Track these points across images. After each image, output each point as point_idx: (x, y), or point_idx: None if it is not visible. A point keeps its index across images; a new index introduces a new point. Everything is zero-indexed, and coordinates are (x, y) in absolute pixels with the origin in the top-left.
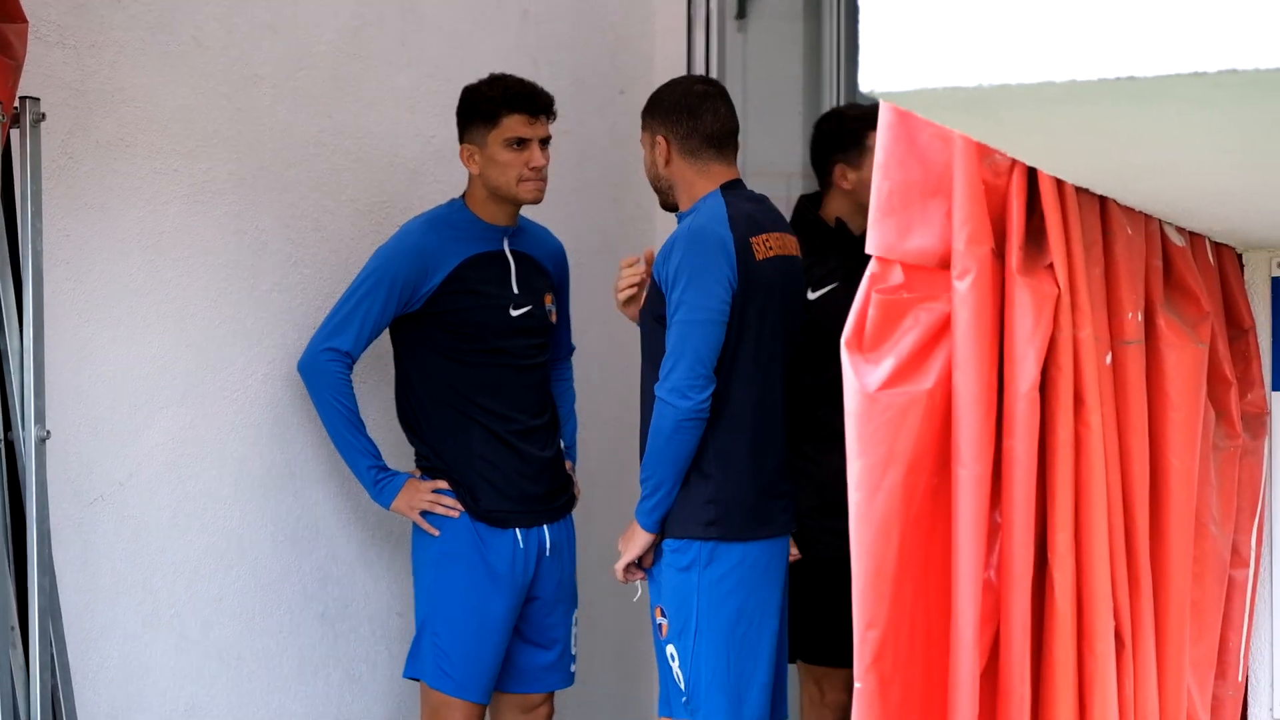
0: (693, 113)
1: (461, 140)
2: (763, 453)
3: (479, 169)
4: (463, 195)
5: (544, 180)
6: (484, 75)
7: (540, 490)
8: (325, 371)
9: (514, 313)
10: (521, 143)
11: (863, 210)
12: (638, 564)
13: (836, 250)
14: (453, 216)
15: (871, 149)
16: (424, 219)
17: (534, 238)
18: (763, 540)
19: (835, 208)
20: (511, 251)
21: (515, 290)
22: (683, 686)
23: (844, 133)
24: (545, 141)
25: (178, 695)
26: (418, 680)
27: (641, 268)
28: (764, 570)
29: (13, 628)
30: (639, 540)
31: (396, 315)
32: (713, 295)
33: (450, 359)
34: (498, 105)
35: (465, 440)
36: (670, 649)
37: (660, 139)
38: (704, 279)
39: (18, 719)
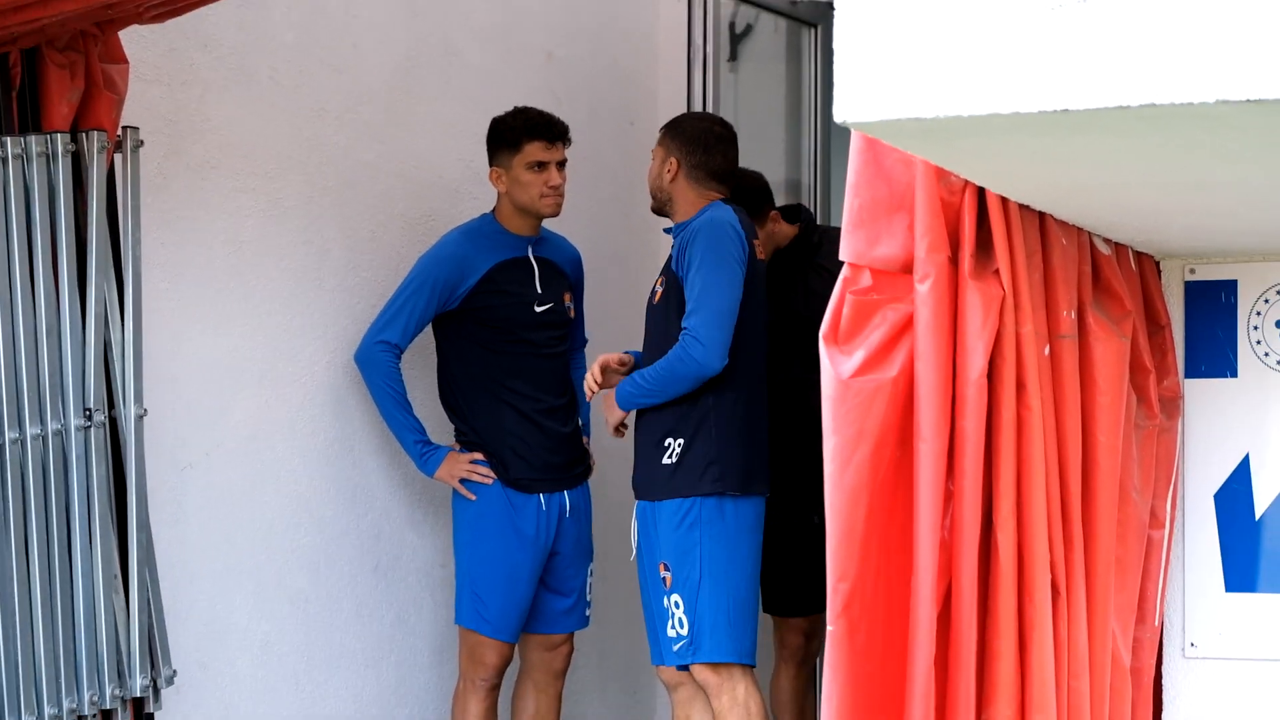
0: (708, 150)
1: (490, 164)
2: (756, 421)
3: (505, 188)
4: (493, 210)
5: (561, 196)
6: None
7: (561, 461)
8: (377, 361)
9: (537, 309)
10: (541, 165)
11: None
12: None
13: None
14: (484, 228)
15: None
16: (460, 231)
17: (554, 245)
18: (752, 498)
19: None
20: (535, 257)
21: (538, 290)
22: (684, 631)
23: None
24: (561, 164)
25: (254, 634)
26: (465, 628)
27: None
28: (752, 525)
29: (115, 576)
30: (617, 414)
31: (438, 312)
32: (736, 274)
33: (484, 349)
34: (520, 134)
35: (497, 418)
36: (675, 598)
37: (673, 160)
38: (729, 261)
39: (119, 652)
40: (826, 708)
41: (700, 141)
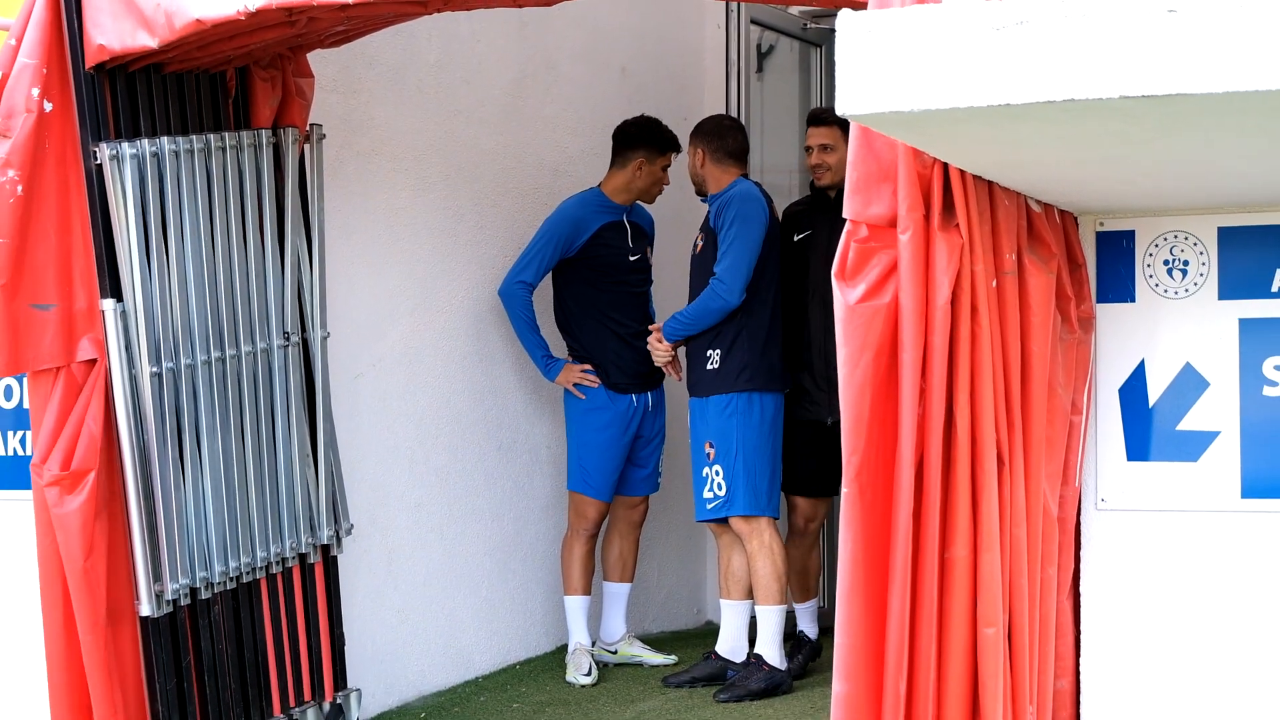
0: (722, 136)
1: (635, 154)
2: (773, 336)
3: (639, 174)
4: (599, 185)
5: None
6: (599, 111)
7: (645, 370)
8: (516, 296)
9: (631, 259)
10: (666, 168)
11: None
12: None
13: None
14: (594, 199)
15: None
16: (576, 200)
17: (639, 212)
18: (775, 393)
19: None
20: (629, 221)
21: (630, 245)
22: (721, 493)
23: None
24: None
25: (408, 497)
26: (574, 491)
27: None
28: (774, 414)
29: (307, 455)
30: (665, 346)
31: (559, 260)
32: (758, 234)
33: (592, 287)
34: (669, 144)
35: (601, 339)
36: (716, 468)
37: (700, 150)
38: (753, 223)
39: (311, 511)
40: (843, 552)
41: (715, 132)
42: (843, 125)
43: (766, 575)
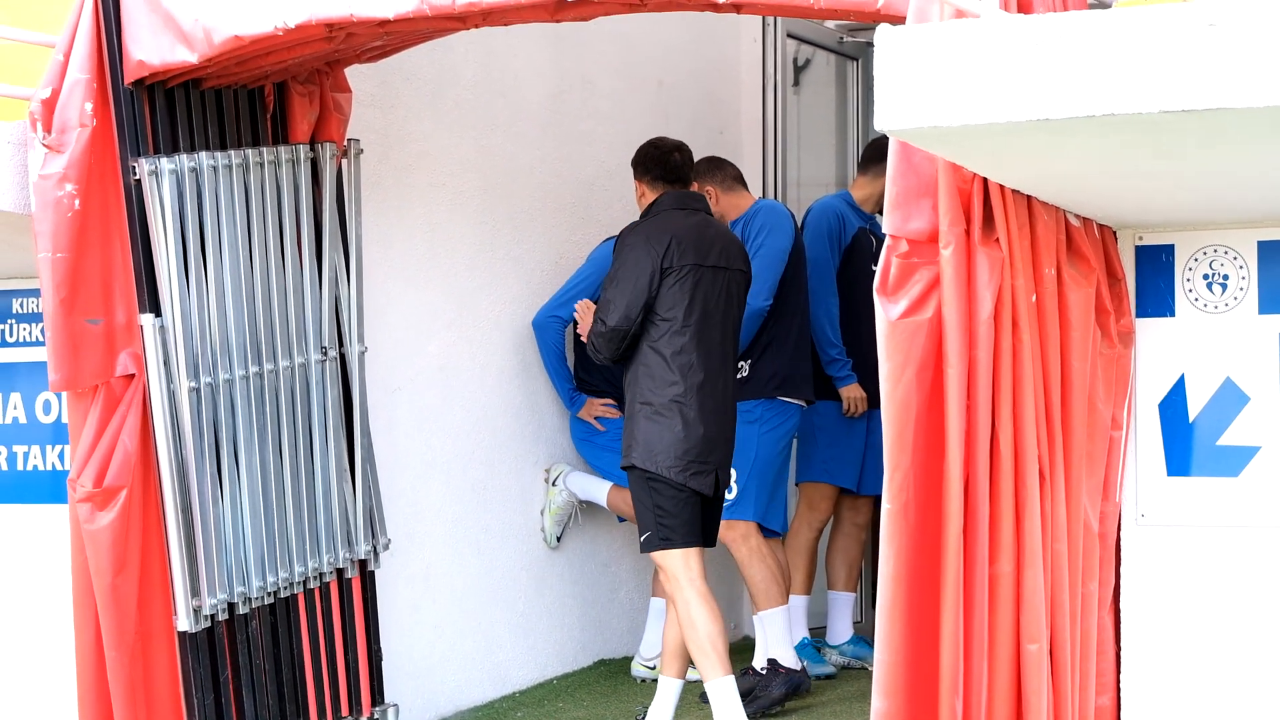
0: (721, 168)
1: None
2: (802, 346)
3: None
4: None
5: None
6: (635, 125)
7: None
8: (550, 329)
9: None
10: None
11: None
12: None
13: None
14: None
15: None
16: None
17: None
18: (798, 403)
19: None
20: None
21: None
22: (732, 496)
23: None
24: None
25: (446, 512)
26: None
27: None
28: (790, 424)
29: (345, 470)
30: None
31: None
32: (783, 243)
33: None
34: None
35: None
36: (731, 470)
37: (711, 189)
38: (778, 233)
39: (349, 526)
40: (884, 568)
41: (717, 165)
42: None
43: (764, 579)
